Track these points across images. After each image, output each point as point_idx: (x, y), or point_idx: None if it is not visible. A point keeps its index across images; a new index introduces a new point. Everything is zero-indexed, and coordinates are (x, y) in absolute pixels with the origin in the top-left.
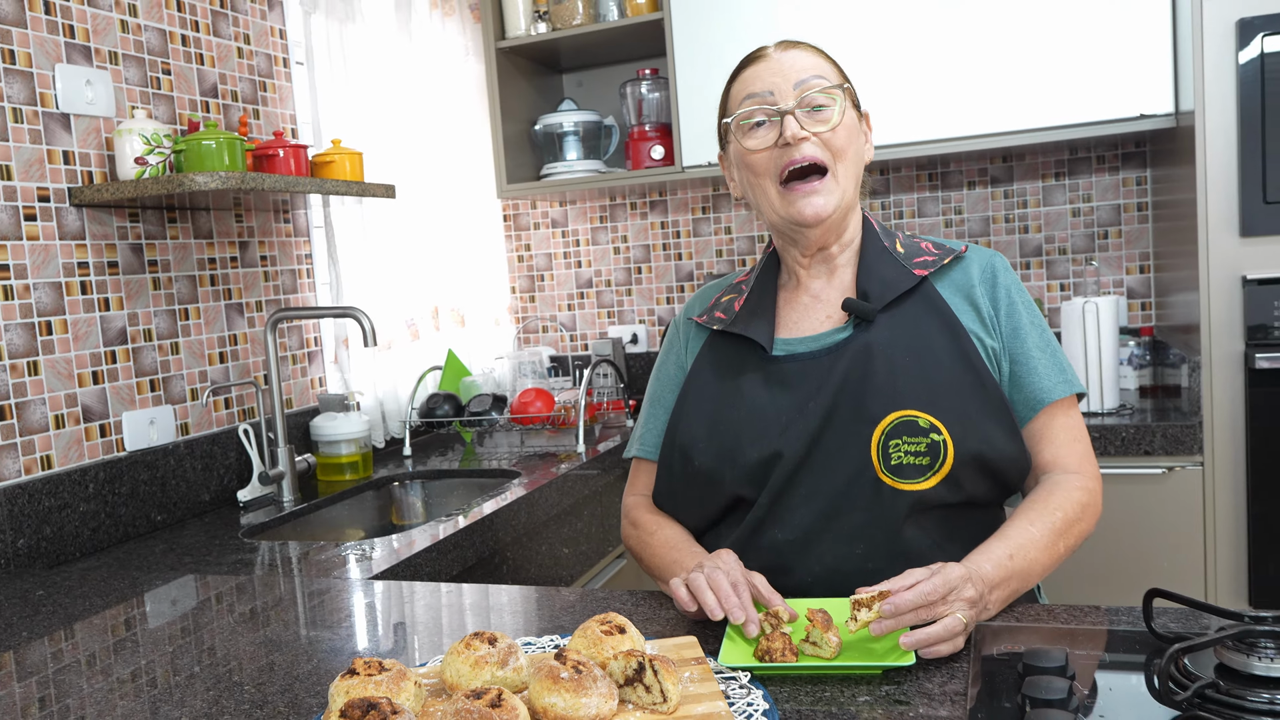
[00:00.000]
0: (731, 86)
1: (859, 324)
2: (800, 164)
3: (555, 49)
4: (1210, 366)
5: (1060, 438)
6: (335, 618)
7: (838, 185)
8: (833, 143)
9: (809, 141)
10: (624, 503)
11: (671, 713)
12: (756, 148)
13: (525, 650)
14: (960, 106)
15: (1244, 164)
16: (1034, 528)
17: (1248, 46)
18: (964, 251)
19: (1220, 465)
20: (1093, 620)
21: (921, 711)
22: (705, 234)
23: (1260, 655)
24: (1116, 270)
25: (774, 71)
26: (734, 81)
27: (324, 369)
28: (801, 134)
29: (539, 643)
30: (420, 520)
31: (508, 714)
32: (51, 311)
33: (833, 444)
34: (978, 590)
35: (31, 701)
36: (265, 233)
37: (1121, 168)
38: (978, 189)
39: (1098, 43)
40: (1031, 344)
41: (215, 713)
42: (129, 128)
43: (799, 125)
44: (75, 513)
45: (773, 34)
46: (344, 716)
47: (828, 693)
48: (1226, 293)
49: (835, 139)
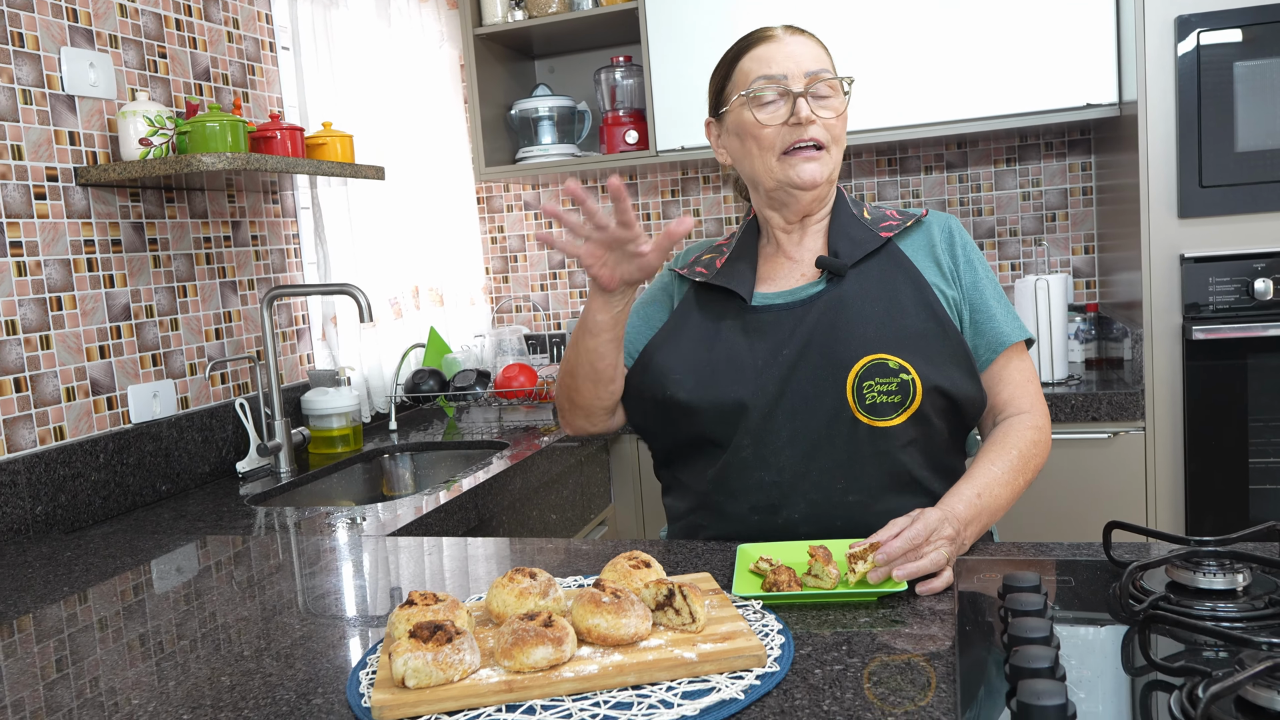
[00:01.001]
0: (740, 61)
1: (831, 279)
2: (806, 143)
3: (528, 36)
4: (1151, 339)
5: (1016, 379)
6: (363, 570)
7: (831, 159)
8: (833, 129)
9: (816, 124)
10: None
11: (699, 631)
12: (768, 121)
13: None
14: (918, 96)
15: (1182, 150)
16: (995, 467)
17: (1185, 40)
18: (924, 215)
19: (1160, 430)
20: (1057, 554)
21: (916, 629)
22: (675, 215)
23: (1205, 571)
24: (1063, 251)
25: (787, 56)
26: (743, 57)
27: (311, 346)
28: (813, 117)
29: (563, 582)
30: (410, 490)
31: (559, 632)
32: (61, 288)
33: (810, 388)
34: (954, 528)
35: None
36: (256, 213)
37: (1068, 154)
38: (934, 173)
39: (1047, 37)
40: (989, 294)
41: (291, 648)
42: (134, 109)
43: (809, 109)
44: (88, 481)
45: (743, 23)
46: (413, 636)
47: (831, 616)
48: (1166, 270)
49: (835, 126)
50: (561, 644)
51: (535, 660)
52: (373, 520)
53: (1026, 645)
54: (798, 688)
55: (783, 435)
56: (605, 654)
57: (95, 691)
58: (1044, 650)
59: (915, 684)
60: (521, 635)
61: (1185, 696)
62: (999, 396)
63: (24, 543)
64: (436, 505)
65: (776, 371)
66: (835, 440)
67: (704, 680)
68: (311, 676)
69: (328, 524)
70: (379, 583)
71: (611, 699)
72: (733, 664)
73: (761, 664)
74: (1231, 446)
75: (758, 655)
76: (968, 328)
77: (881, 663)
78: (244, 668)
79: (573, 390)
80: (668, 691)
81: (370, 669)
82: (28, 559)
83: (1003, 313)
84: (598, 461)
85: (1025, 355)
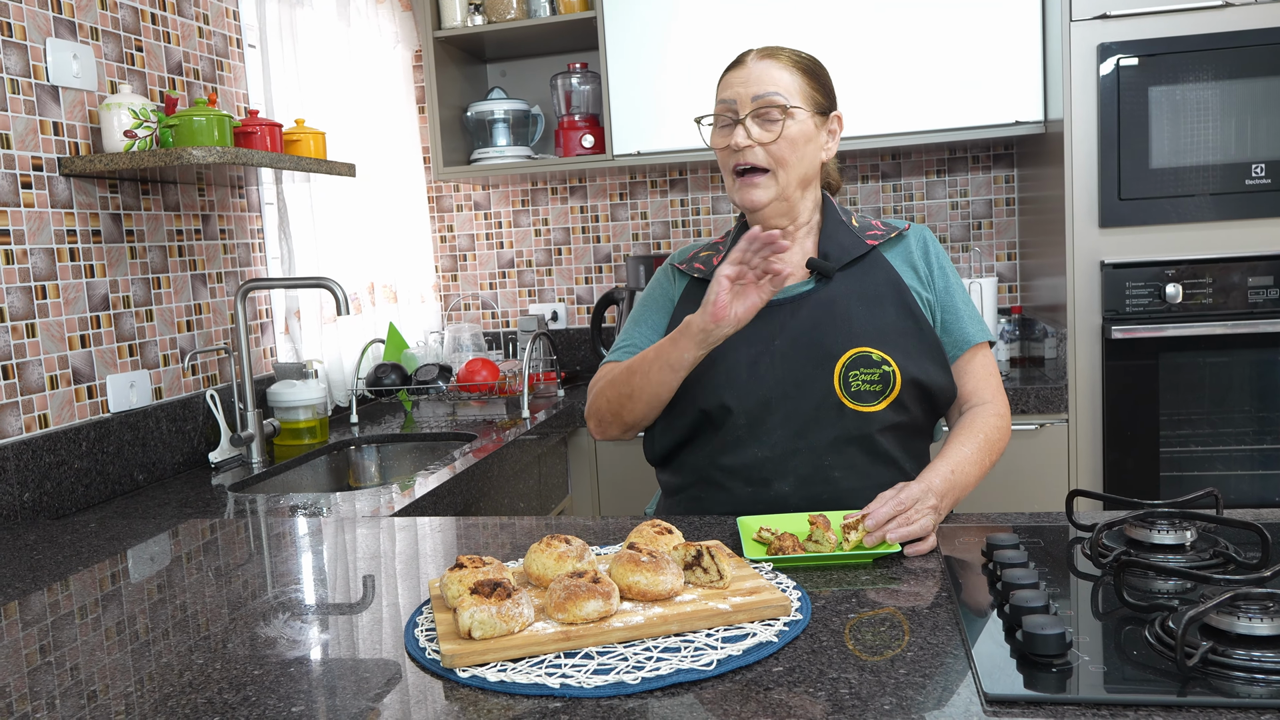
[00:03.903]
0: (718, 83)
1: (820, 279)
2: (744, 166)
3: (482, 40)
4: (1074, 338)
5: (980, 373)
6: (355, 549)
7: (776, 184)
8: (775, 152)
9: (753, 149)
10: (591, 390)
11: (727, 587)
12: (718, 145)
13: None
14: (857, 110)
15: (1103, 165)
16: (965, 448)
17: (1105, 63)
18: (906, 229)
19: (1082, 421)
20: (1022, 521)
21: (910, 585)
22: (623, 218)
23: (1157, 529)
24: (989, 257)
25: (742, 81)
26: (720, 80)
27: (275, 340)
28: (745, 143)
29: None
30: (375, 482)
31: (607, 587)
32: (45, 276)
33: (802, 375)
34: (935, 500)
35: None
36: (224, 207)
37: (993, 167)
38: (870, 182)
39: (979, 59)
40: (958, 299)
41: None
42: (118, 101)
43: (746, 134)
44: (71, 469)
45: (697, 34)
46: (475, 593)
47: (834, 576)
48: (1088, 275)
49: (777, 149)
50: (610, 598)
51: (587, 613)
52: (354, 509)
53: (1022, 589)
54: (822, 632)
55: (775, 417)
56: (646, 608)
57: (75, 681)
58: (1037, 593)
59: (924, 625)
60: (574, 590)
61: (1159, 626)
62: (965, 387)
63: (16, 529)
64: (429, 489)
65: (770, 360)
66: (823, 422)
67: (739, 628)
68: (377, 636)
69: (313, 512)
70: (373, 559)
71: (659, 644)
72: (762, 613)
73: (787, 613)
74: (1145, 436)
75: (784, 605)
76: (938, 327)
77: (890, 611)
78: (298, 636)
79: (627, 410)
80: (708, 637)
81: (422, 628)
82: (28, 542)
83: (969, 315)
84: (557, 454)
85: (988, 352)
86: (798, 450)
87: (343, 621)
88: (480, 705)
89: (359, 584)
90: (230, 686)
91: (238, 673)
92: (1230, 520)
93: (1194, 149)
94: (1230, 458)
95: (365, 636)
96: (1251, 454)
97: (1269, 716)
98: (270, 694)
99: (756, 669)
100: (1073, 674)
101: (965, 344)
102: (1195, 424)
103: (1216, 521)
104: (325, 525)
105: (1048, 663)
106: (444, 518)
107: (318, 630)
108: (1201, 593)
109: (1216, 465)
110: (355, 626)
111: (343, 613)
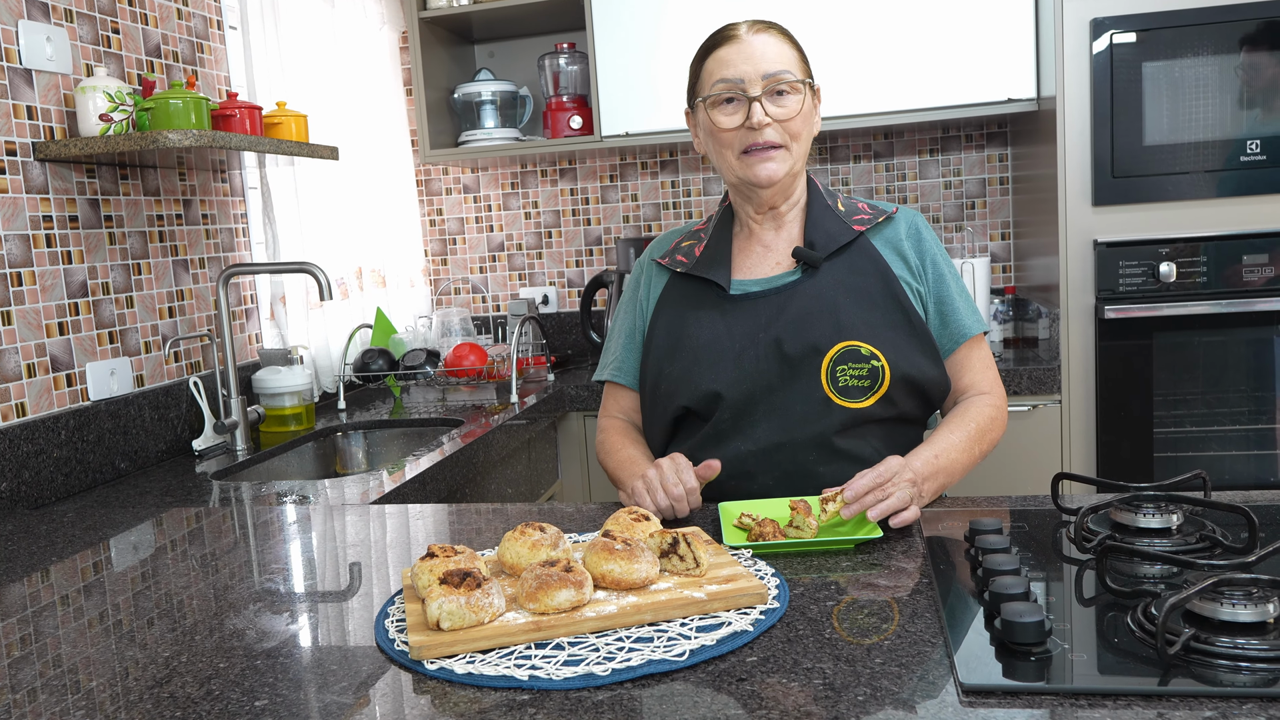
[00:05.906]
0: (705, 62)
1: (806, 269)
2: (760, 145)
3: (469, 20)
4: (1067, 318)
5: (976, 366)
6: (338, 536)
7: (790, 157)
8: (790, 127)
9: (771, 127)
10: (599, 423)
11: (703, 575)
12: (726, 125)
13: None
14: (849, 89)
15: (1096, 143)
16: (954, 435)
17: (1099, 40)
18: (894, 213)
19: (1075, 402)
20: (1007, 505)
21: (893, 570)
22: (613, 200)
23: (1144, 513)
24: (982, 237)
25: (745, 58)
26: (708, 58)
27: (260, 325)
28: (766, 121)
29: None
30: (363, 468)
31: (579, 576)
32: (21, 263)
33: (788, 370)
34: (913, 475)
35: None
36: (206, 191)
37: (986, 146)
38: (863, 162)
39: (970, 36)
40: (952, 290)
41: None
42: (93, 85)
43: (764, 113)
44: (50, 458)
45: (686, 12)
46: (444, 582)
47: (814, 562)
48: (1081, 255)
49: (793, 125)
50: (582, 587)
51: (559, 602)
52: (343, 495)
53: (1002, 575)
54: (798, 620)
55: (760, 411)
56: (620, 597)
57: (57, 672)
58: (1017, 580)
59: (903, 613)
60: (545, 580)
61: (1141, 613)
62: (961, 381)
63: None
64: (415, 474)
65: (755, 354)
66: (809, 418)
67: (714, 617)
68: (346, 629)
69: (300, 499)
70: (361, 544)
71: (632, 634)
72: (738, 601)
73: (764, 601)
74: (1138, 416)
75: (760, 593)
76: (933, 319)
77: (869, 598)
78: (282, 629)
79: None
80: (682, 627)
81: (393, 618)
82: (5, 532)
83: (965, 306)
84: (546, 439)
85: (984, 343)
86: (782, 445)
87: (317, 612)
88: (448, 698)
89: (337, 573)
90: (195, 681)
91: (203, 665)
92: (1217, 503)
93: (1188, 126)
94: (1225, 438)
95: (337, 628)
96: (1246, 434)
97: (1251, 705)
98: (235, 688)
99: (730, 659)
100: (1052, 663)
101: (962, 337)
102: (1190, 404)
103: (1203, 505)
104: (312, 512)
105: (1026, 651)
106: (430, 504)
107: (291, 621)
108: (1185, 578)
109: (1211, 446)
110: (329, 617)
111: (318, 603)
